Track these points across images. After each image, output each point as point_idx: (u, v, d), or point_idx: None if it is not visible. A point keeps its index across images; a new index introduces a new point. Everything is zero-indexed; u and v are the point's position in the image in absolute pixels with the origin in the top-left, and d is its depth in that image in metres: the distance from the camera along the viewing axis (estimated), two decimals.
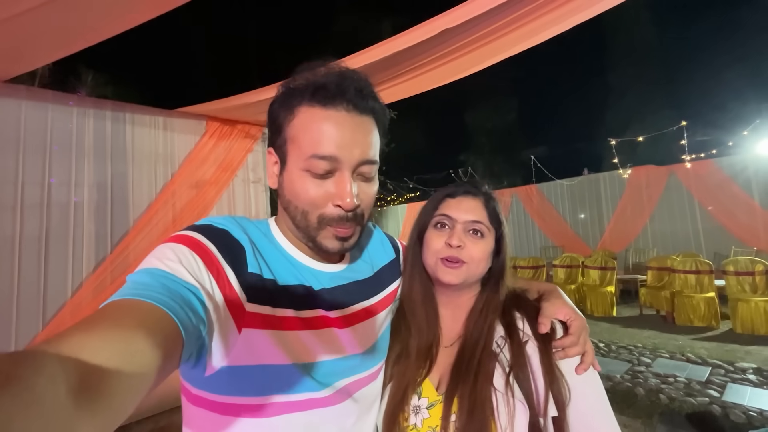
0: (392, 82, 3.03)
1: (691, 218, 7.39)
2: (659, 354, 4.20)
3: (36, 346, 0.32)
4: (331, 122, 0.60)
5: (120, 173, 3.32)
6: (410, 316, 0.80)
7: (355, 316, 0.70)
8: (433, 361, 0.78)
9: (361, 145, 0.62)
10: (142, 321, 0.41)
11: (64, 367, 0.30)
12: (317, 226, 0.62)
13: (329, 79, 0.61)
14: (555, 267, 7.13)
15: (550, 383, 0.67)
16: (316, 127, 0.60)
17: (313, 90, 0.60)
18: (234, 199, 4.06)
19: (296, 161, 0.61)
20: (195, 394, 0.58)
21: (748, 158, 6.77)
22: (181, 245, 0.54)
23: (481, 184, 0.83)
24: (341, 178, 0.61)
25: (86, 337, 0.35)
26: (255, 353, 0.56)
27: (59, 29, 2.22)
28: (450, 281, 0.75)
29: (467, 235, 0.77)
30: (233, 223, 0.63)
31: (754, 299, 4.81)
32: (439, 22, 2.14)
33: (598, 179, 8.79)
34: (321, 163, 0.59)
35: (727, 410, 2.88)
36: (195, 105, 3.67)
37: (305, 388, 0.59)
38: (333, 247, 0.64)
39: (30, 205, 2.83)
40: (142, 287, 0.46)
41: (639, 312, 6.07)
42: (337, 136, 0.59)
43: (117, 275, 3.12)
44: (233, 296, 0.55)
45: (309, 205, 0.61)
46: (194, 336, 0.47)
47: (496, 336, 0.74)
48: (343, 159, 0.60)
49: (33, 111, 2.90)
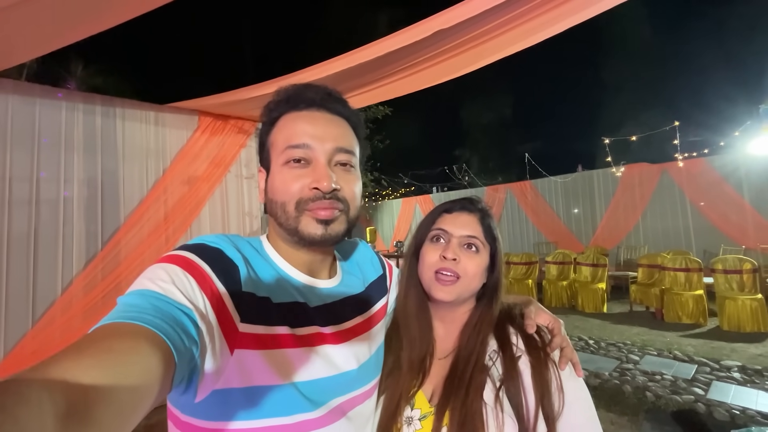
0: (386, 80, 3.01)
1: (683, 216, 7.48)
2: (647, 351, 4.27)
3: (21, 373, 0.31)
4: (303, 119, 0.66)
5: (110, 169, 3.28)
6: (403, 329, 0.82)
7: (350, 331, 0.70)
8: (427, 373, 0.79)
9: (334, 135, 0.66)
10: (133, 345, 0.40)
11: (50, 395, 0.29)
12: (296, 214, 0.64)
13: (300, 89, 0.68)
14: (548, 263, 7.19)
15: (541, 398, 0.68)
16: (291, 125, 0.66)
17: (286, 100, 0.67)
18: (227, 195, 4.04)
19: (276, 160, 0.66)
20: (184, 421, 0.57)
21: (739, 158, 6.84)
22: (174, 265, 0.53)
23: (477, 200, 0.86)
24: (316, 164, 0.64)
25: (75, 362, 0.34)
26: (247, 375, 0.55)
27: (48, 22, 2.18)
28: (443, 298, 0.76)
29: (462, 250, 0.78)
30: (226, 242, 0.63)
31: (741, 297, 4.89)
32: (433, 22, 2.12)
33: (592, 176, 8.84)
34: (296, 151, 0.64)
35: (712, 408, 2.94)
36: (187, 100, 3.63)
37: (298, 409, 0.58)
38: (315, 232, 0.64)
39: (18, 201, 2.79)
40: (133, 309, 0.45)
41: (629, 308, 6.15)
42: (310, 128, 0.65)
43: (107, 272, 3.10)
44: (226, 317, 0.54)
45: (287, 195, 0.63)
46: (186, 359, 0.46)
47: (489, 350, 0.76)
48: (315, 147, 0.64)
49: (20, 106, 2.85)
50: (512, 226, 9.94)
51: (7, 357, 2.64)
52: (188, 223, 3.66)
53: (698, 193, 7.25)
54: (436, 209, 0.86)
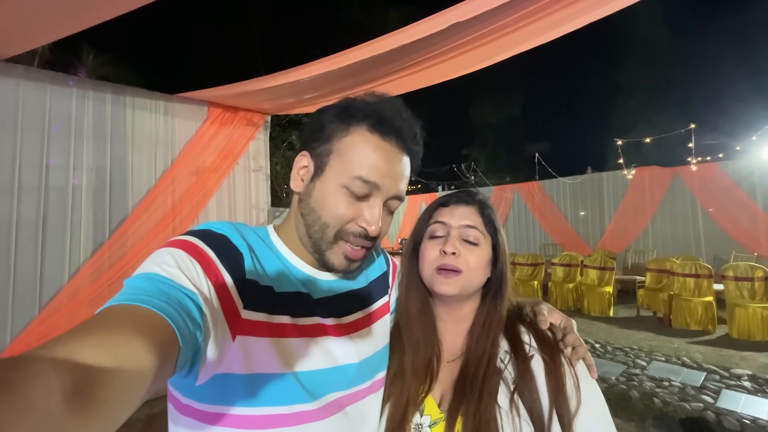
0: (398, 74, 2.97)
1: (693, 221, 7.36)
2: (655, 357, 4.21)
3: (29, 351, 0.31)
4: (383, 153, 0.63)
5: (119, 158, 3.28)
6: (406, 332, 0.78)
7: (351, 325, 0.70)
8: (434, 377, 0.76)
9: (399, 180, 0.66)
10: (139, 326, 0.40)
11: (58, 373, 0.29)
12: (332, 241, 0.63)
13: (392, 114, 0.64)
14: (554, 265, 7.13)
15: (555, 399, 0.65)
16: (369, 153, 0.62)
17: (376, 118, 0.63)
18: (234, 187, 4.03)
19: (337, 176, 0.63)
20: (184, 403, 0.58)
21: (753, 163, 6.71)
22: (180, 250, 0.54)
23: (475, 192, 0.83)
24: (375, 204, 0.63)
25: (81, 342, 0.34)
26: (248, 361, 0.56)
27: (61, 8, 2.17)
28: (446, 292, 0.73)
29: (462, 243, 0.75)
30: (232, 229, 0.63)
31: (752, 305, 4.81)
32: (450, 14, 2.08)
33: (601, 178, 8.74)
34: (363, 186, 0.62)
35: (721, 417, 2.88)
36: (197, 90, 3.61)
37: (296, 399, 0.58)
38: (339, 265, 0.65)
39: (27, 187, 2.79)
40: (139, 292, 0.45)
41: (636, 313, 6.08)
42: (385, 167, 0.63)
43: (114, 261, 3.10)
44: (230, 303, 0.55)
45: (334, 220, 0.62)
46: (190, 342, 0.47)
47: (500, 351, 0.72)
48: (382, 188, 0.63)
49: (31, 91, 2.85)
50: (519, 227, 9.87)
51: (13, 343, 2.66)
52: (195, 213, 3.65)
53: (710, 198, 7.13)
54: (432, 204, 0.84)
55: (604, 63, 21.09)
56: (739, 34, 17.39)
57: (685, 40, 18.34)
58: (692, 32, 19.28)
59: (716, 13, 19.42)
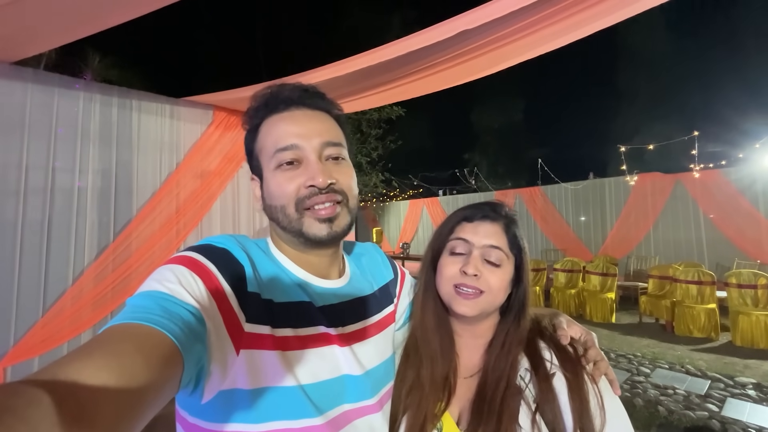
0: (403, 80, 2.98)
1: (695, 228, 7.35)
2: (658, 364, 4.19)
3: (32, 375, 0.32)
4: (285, 120, 0.66)
5: (125, 160, 3.28)
6: (422, 344, 0.76)
7: (357, 334, 0.68)
8: (452, 392, 0.74)
9: (319, 131, 0.66)
10: (141, 346, 0.40)
11: (60, 397, 0.29)
12: (298, 216, 0.64)
13: (276, 91, 0.68)
14: (556, 271, 7.11)
15: (579, 419, 0.63)
16: (275, 129, 0.66)
17: (267, 106, 0.67)
18: (238, 190, 4.03)
19: (267, 166, 0.66)
20: (192, 423, 0.57)
21: (756, 171, 6.71)
22: (181, 266, 0.54)
23: (501, 206, 0.77)
24: (308, 162, 0.64)
25: (83, 364, 0.35)
26: (253, 375, 0.55)
27: (69, 12, 2.18)
28: (465, 313, 0.71)
29: (484, 265, 0.71)
30: (233, 242, 0.63)
31: (755, 313, 4.79)
32: (458, 22, 2.09)
33: (604, 184, 8.74)
34: (285, 154, 0.64)
35: (726, 425, 2.87)
36: (202, 95, 3.63)
37: (303, 413, 0.58)
38: (320, 232, 0.64)
39: (33, 190, 2.79)
40: (141, 310, 0.45)
41: (638, 320, 6.05)
42: (294, 128, 0.65)
43: (118, 264, 3.10)
44: (232, 317, 0.55)
45: (285, 198, 0.64)
46: (194, 359, 0.47)
47: (521, 369, 0.71)
48: (304, 146, 0.64)
49: (39, 94, 2.86)
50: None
51: (17, 345, 2.65)
52: (199, 217, 3.65)
53: (712, 205, 7.13)
54: (454, 215, 0.78)
55: (607, 70, 21.10)
56: (742, 43, 17.40)
57: (689, 47, 18.35)
58: (696, 40, 19.30)
59: (720, 21, 19.47)
